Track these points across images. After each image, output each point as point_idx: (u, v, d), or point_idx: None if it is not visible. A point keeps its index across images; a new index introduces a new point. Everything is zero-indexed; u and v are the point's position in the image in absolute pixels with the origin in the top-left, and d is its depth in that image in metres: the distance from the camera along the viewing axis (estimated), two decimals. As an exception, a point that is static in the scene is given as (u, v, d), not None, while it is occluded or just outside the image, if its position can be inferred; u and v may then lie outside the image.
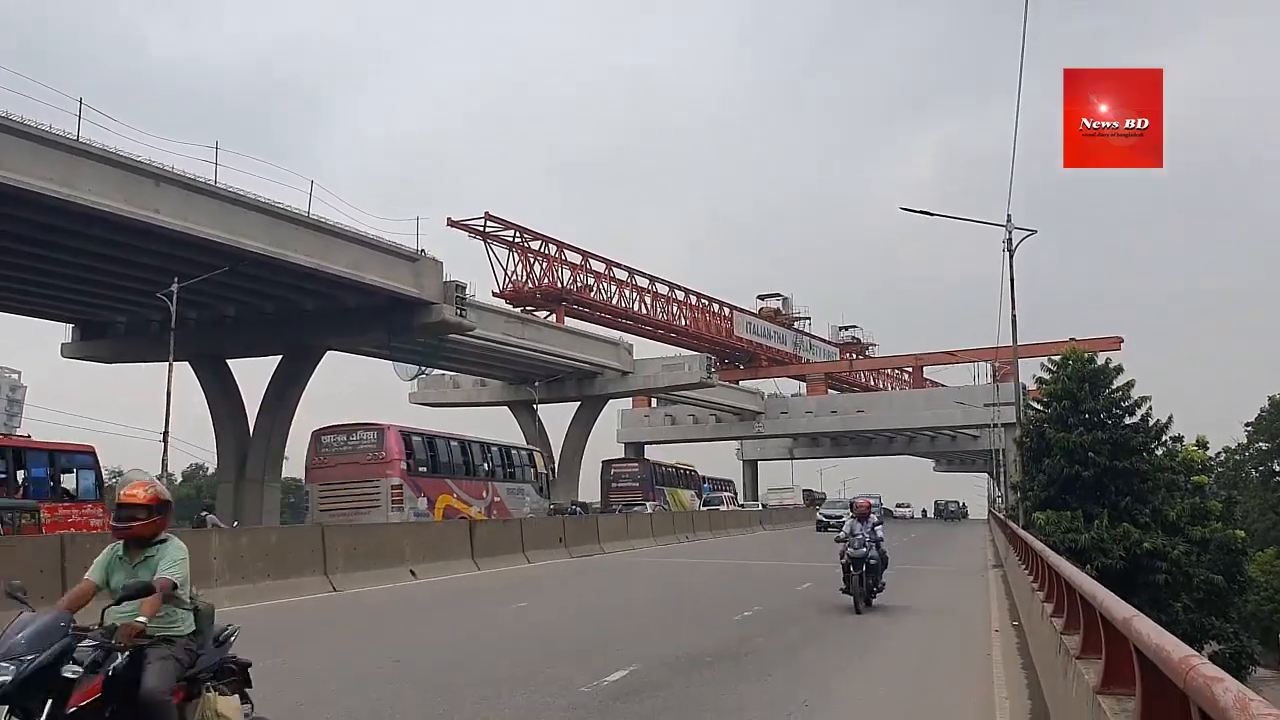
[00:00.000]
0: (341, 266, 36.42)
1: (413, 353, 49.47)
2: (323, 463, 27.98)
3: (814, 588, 18.20)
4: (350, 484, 27.11)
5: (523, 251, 63.35)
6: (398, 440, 27.99)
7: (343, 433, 28.35)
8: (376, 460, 27.53)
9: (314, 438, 28.41)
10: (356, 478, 27.29)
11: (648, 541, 31.82)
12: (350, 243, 37.09)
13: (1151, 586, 24.22)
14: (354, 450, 27.88)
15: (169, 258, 33.04)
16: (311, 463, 28.30)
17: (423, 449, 29.16)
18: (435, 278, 40.16)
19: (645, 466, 54.88)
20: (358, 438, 28.01)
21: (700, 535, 36.49)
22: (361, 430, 28.24)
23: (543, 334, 54.26)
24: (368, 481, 27.13)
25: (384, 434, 27.85)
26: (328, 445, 28.14)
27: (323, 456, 28.04)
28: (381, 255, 38.34)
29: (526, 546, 23.70)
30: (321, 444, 28.19)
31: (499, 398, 64.20)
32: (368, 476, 27.23)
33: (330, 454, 28.02)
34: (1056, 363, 28.36)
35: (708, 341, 78.96)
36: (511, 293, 62.70)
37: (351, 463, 27.64)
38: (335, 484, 27.41)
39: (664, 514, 38.32)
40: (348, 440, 28.05)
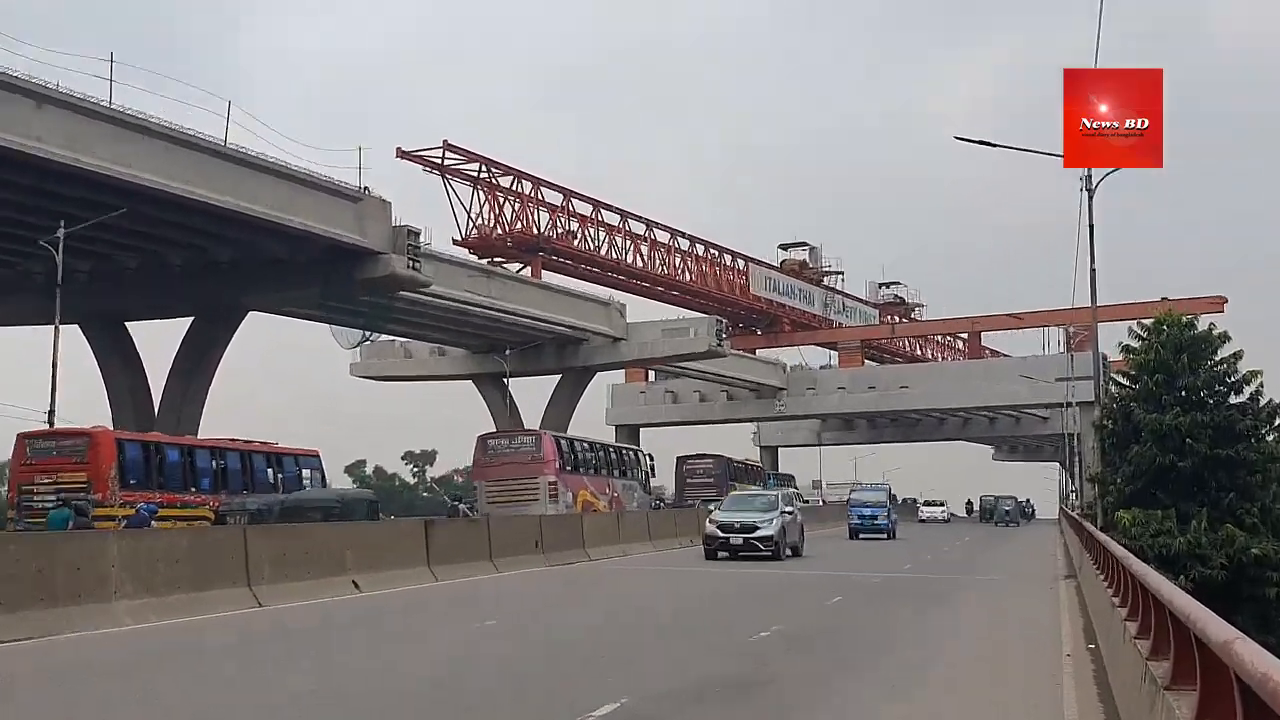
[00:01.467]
0: (266, 208, 36.27)
1: (355, 314, 49.43)
2: (489, 462, 40.52)
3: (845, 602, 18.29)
4: (513, 481, 39.14)
5: (490, 190, 63.19)
6: (552, 444, 41.16)
7: (505, 437, 42.91)
8: (535, 460, 39.86)
9: (480, 441, 41.49)
10: (518, 475, 39.37)
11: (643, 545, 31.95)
12: (278, 179, 36.93)
13: (1259, 602, 24.41)
14: (516, 452, 40.49)
15: (54, 197, 32.84)
16: (479, 462, 41.27)
17: (568, 450, 42.33)
18: (382, 222, 40.05)
19: (720, 462, 65.86)
20: (519, 442, 41.38)
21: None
22: (522, 435, 42.93)
23: (514, 291, 54.26)
24: (528, 479, 39.16)
25: (541, 439, 41.41)
26: (493, 448, 41.06)
27: (489, 457, 40.71)
28: (316, 194, 38.20)
29: (496, 553, 23.86)
30: (488, 446, 41.17)
31: (461, 369, 64.31)
32: (528, 475, 39.37)
33: (495, 455, 40.59)
34: (1147, 328, 28.28)
35: (718, 301, 78.98)
36: (477, 241, 62.65)
37: (513, 462, 39.96)
38: (500, 480, 39.43)
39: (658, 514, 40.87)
40: (510, 444, 41.30)
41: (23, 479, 29.98)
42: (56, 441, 30.58)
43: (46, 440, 30.70)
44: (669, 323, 63.18)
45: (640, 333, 61.47)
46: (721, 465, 64.74)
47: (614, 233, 69.94)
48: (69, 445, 30.22)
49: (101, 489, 28.78)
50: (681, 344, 61.45)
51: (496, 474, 39.94)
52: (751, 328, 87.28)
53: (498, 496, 38.83)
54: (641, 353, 62.24)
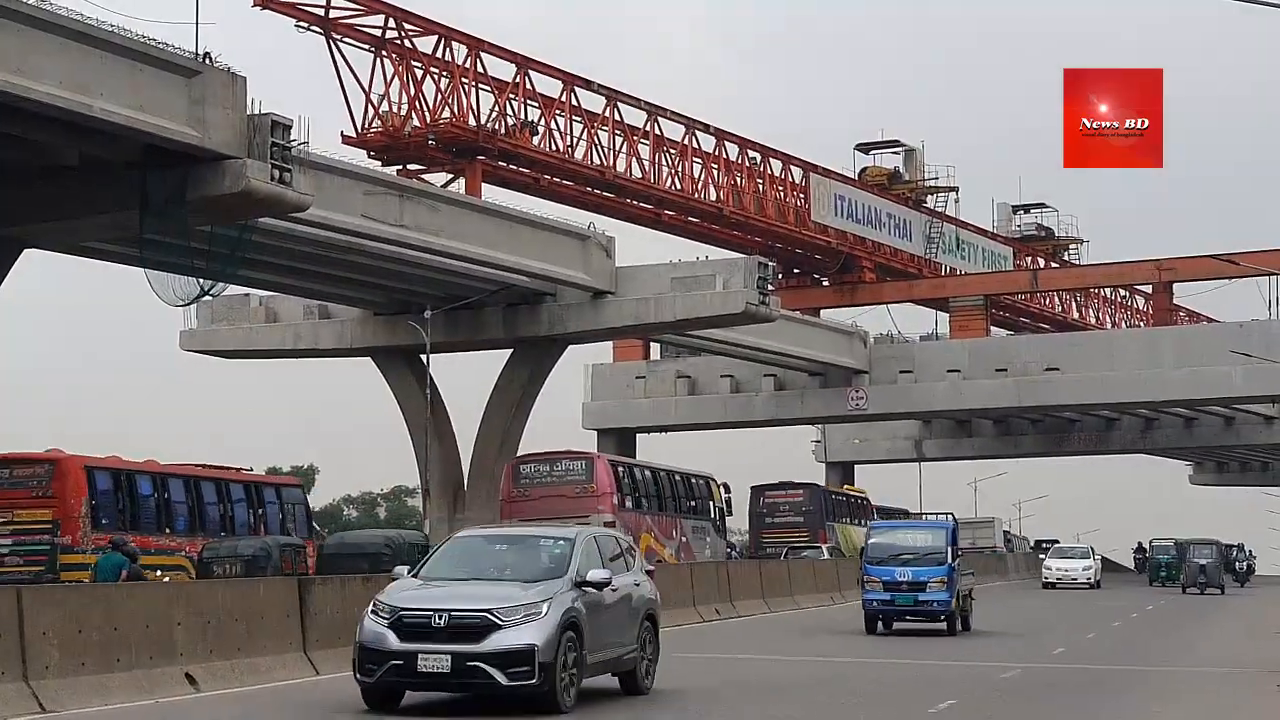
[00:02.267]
0: (51, 86, 36.28)
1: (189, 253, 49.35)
2: (522, 495, 44.74)
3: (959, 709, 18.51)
4: (558, 519, 39.06)
5: (403, 57, 63.14)
6: (608, 471, 45.65)
7: (545, 462, 46.78)
8: (586, 494, 44.49)
9: (511, 467, 46.41)
10: (563, 512, 41.71)
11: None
12: (67, 40, 36.91)
13: None
14: (559, 482, 45.24)
15: None
16: (508, 495, 45.64)
17: (627, 479, 47.49)
18: (231, 109, 40.00)
19: (816, 494, 71.14)
20: (563, 468, 45.66)
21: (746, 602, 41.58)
22: (567, 459, 46.82)
23: (440, 217, 54.22)
24: (578, 517, 40.40)
25: (593, 464, 45.60)
26: (527, 476, 45.61)
27: (521, 488, 45.13)
28: (128, 65, 38.14)
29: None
30: (520, 474, 45.67)
31: (355, 339, 64.39)
32: (577, 512, 42.25)
33: (531, 485, 45.17)
34: None
35: (761, 234, 78.97)
36: (380, 137, 62.58)
37: (557, 495, 44.25)
38: (538, 520, 38.60)
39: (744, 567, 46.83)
40: (551, 470, 45.62)
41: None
42: (11, 470, 35.12)
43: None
44: (683, 266, 63.00)
45: (637, 283, 61.37)
46: (816, 498, 71.03)
47: (596, 124, 69.90)
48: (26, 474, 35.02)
49: (71, 528, 33.34)
50: (702, 301, 61.31)
51: (533, 511, 43.49)
52: (814, 275, 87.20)
53: None
54: (639, 315, 62.11)
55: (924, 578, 33.31)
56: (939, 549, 34.15)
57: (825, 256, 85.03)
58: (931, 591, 33.23)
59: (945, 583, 33.24)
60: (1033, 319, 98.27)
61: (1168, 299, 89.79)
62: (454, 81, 63.71)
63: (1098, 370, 76.91)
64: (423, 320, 58.65)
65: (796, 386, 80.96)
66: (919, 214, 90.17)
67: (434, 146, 63.27)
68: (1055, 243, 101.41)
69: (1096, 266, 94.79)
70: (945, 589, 33.18)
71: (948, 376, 79.21)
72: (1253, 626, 39.44)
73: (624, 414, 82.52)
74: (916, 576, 33.35)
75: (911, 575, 33.37)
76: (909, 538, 36.00)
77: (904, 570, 33.52)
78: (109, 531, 32.94)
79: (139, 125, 38.22)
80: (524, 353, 62.70)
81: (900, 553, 34.30)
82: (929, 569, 33.48)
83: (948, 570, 33.42)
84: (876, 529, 38.54)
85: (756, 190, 78.88)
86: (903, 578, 33.41)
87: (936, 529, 36.69)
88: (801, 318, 77.00)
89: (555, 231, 59.33)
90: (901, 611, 33.85)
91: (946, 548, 34.13)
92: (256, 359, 70.15)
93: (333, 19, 61.05)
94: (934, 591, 33.24)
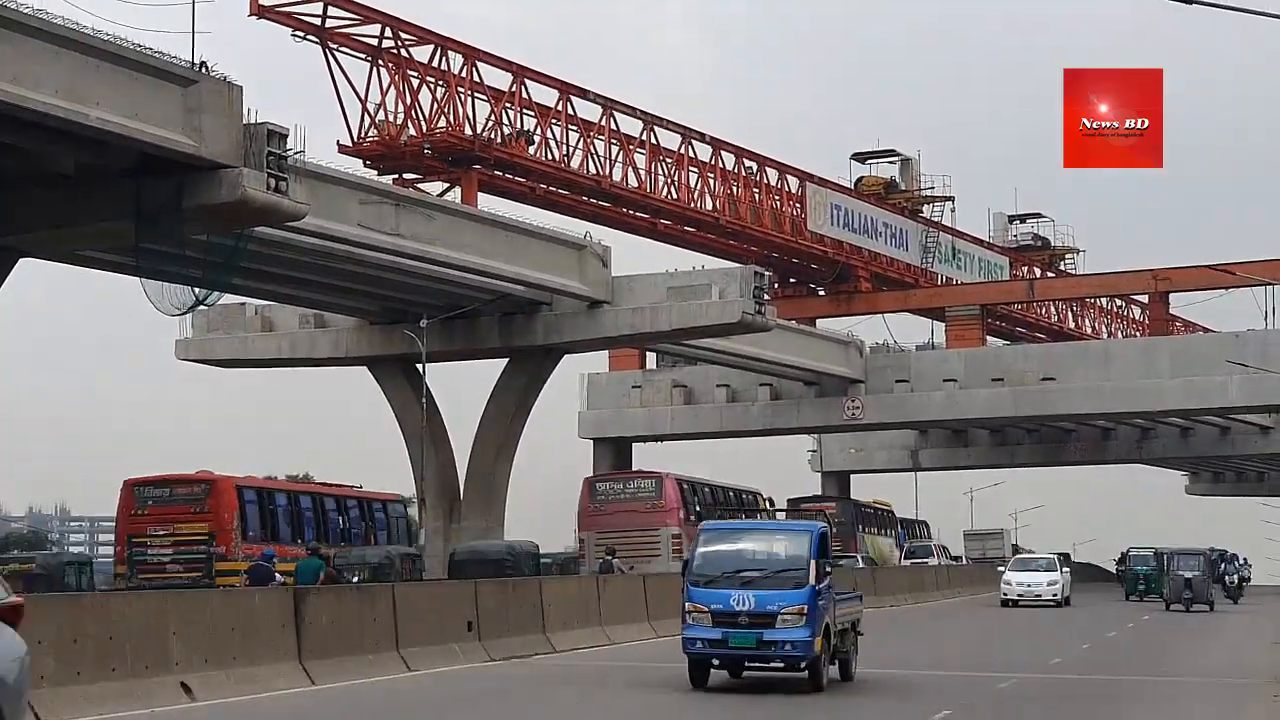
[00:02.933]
0: (47, 94, 36.33)
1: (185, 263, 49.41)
2: (598, 510, 53.02)
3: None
4: (628, 532, 50.29)
5: (399, 67, 63.24)
6: (675, 489, 53.08)
7: (618, 480, 56.02)
8: (655, 509, 52.02)
9: (587, 484, 54.76)
10: (635, 526, 51.23)
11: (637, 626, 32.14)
12: (63, 49, 36.97)
13: None
14: (631, 498, 53.21)
15: None
16: (585, 510, 53.72)
17: (691, 496, 54.13)
18: (228, 117, 40.04)
19: (848, 507, 74.88)
20: (635, 485, 54.03)
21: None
22: (638, 478, 55.31)
23: (435, 226, 54.25)
24: (648, 530, 51.08)
25: (662, 482, 53.32)
26: (602, 493, 54.05)
27: (597, 504, 53.30)
28: (124, 74, 38.18)
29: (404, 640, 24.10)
30: (596, 491, 54.03)
31: (350, 349, 64.42)
32: (647, 525, 51.39)
33: (605, 501, 53.39)
34: None
35: (757, 243, 79.04)
36: (377, 147, 62.68)
37: (629, 510, 52.32)
38: (612, 533, 50.46)
39: None
40: (624, 488, 54.25)
41: (135, 530, 40.31)
42: (171, 488, 41.34)
43: (159, 487, 41.51)
44: (679, 276, 63.08)
45: (634, 292, 61.45)
46: (849, 512, 74.81)
47: (593, 133, 69.98)
48: (187, 492, 41.10)
49: (225, 540, 39.09)
50: (698, 310, 61.38)
51: (608, 524, 52.03)
52: (810, 284, 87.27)
53: None
54: (635, 324, 62.19)
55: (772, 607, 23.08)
56: (797, 564, 23.64)
57: (821, 266, 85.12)
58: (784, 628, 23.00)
59: (803, 614, 22.98)
60: (1029, 329, 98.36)
61: (1164, 309, 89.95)
62: (450, 90, 63.80)
63: (1094, 380, 76.92)
64: (419, 329, 58.64)
65: (792, 396, 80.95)
66: (915, 223, 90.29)
67: (430, 156, 63.35)
68: (1051, 252, 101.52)
69: (1093, 276, 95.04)
70: (804, 624, 22.99)
71: (944, 386, 79.22)
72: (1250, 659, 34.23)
73: (620, 423, 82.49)
74: (761, 605, 23.13)
75: (754, 603, 23.17)
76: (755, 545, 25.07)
77: (742, 596, 23.28)
78: (255, 543, 39.25)
79: (135, 134, 38.25)
80: (520, 362, 62.73)
81: (742, 568, 24.01)
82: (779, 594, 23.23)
83: (808, 596, 23.16)
84: (708, 530, 26.09)
85: (753, 199, 78.98)
86: (741, 606, 23.15)
87: (796, 533, 25.16)
88: (797, 327, 76.97)
89: (551, 241, 59.37)
90: (739, 656, 23.76)
91: (809, 562, 23.55)
92: (252, 368, 70.15)
93: (329, 28, 61.15)
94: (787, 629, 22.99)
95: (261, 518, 42.09)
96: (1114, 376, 76.65)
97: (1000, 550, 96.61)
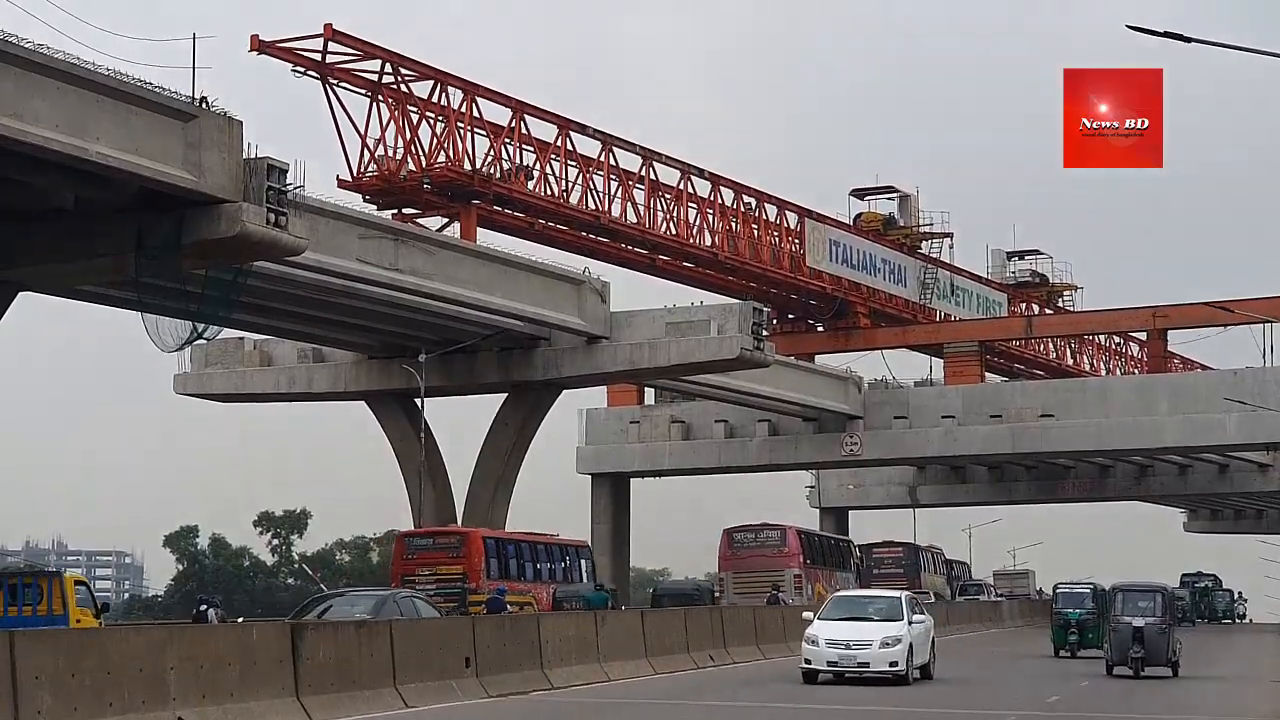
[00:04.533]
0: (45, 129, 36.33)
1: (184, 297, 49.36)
2: (735, 555, 65.55)
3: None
4: (759, 573, 63.14)
5: (398, 102, 63.31)
6: (796, 538, 66.04)
7: (751, 531, 66.56)
8: (780, 554, 64.55)
9: (727, 534, 66.72)
10: (765, 568, 63.82)
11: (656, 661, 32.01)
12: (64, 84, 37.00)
13: None
14: (762, 545, 65.36)
15: None
16: (725, 555, 66.21)
17: (809, 544, 67.35)
18: (228, 152, 40.03)
19: (910, 550, 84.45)
20: (765, 535, 65.83)
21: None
22: (767, 529, 66.44)
23: (435, 261, 54.31)
24: (774, 571, 63.44)
25: (786, 533, 66.00)
26: (739, 541, 66.02)
27: (735, 550, 65.83)
28: (124, 109, 38.20)
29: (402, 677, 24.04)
30: (734, 539, 66.25)
31: (349, 383, 64.44)
32: (774, 567, 63.95)
33: (741, 548, 65.64)
34: None
35: (756, 279, 79.00)
36: (376, 182, 62.70)
37: (760, 555, 64.78)
38: (747, 573, 63.80)
39: None
40: (756, 537, 65.87)
41: (405, 571, 51.70)
42: (433, 539, 54.02)
43: (424, 538, 54.40)
44: (678, 311, 63.18)
45: (632, 327, 61.55)
46: (912, 554, 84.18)
47: (592, 169, 70.04)
48: (445, 541, 53.47)
49: (475, 579, 50.34)
50: (697, 346, 61.49)
51: (743, 566, 64.50)
52: (808, 320, 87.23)
53: (745, 588, 62.42)
54: (634, 359, 62.29)
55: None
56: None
57: (820, 302, 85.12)
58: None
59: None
60: (1027, 365, 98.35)
61: (1162, 346, 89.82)
62: (449, 126, 63.84)
63: (1092, 417, 76.98)
64: (417, 364, 58.67)
65: (791, 432, 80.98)
66: (914, 259, 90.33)
67: (429, 191, 63.38)
68: (1050, 289, 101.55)
69: (1091, 313, 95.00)
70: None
71: (942, 422, 79.29)
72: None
73: (618, 458, 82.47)
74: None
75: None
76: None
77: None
78: (494, 580, 50.50)
79: (135, 169, 38.26)
80: (518, 397, 62.73)
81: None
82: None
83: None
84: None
85: (751, 235, 78.98)
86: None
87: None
88: (796, 363, 77.05)
89: (550, 276, 59.43)
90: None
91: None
92: (250, 402, 70.11)
93: (329, 64, 61.20)
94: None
95: (499, 561, 52.85)
96: (1112, 413, 76.72)
97: (1026, 589, 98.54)
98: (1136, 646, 37.70)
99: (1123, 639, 38.14)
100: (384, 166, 62.49)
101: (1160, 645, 38.21)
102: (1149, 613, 38.76)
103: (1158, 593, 40.45)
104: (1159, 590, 41.08)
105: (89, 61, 37.89)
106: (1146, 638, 37.78)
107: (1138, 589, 41.02)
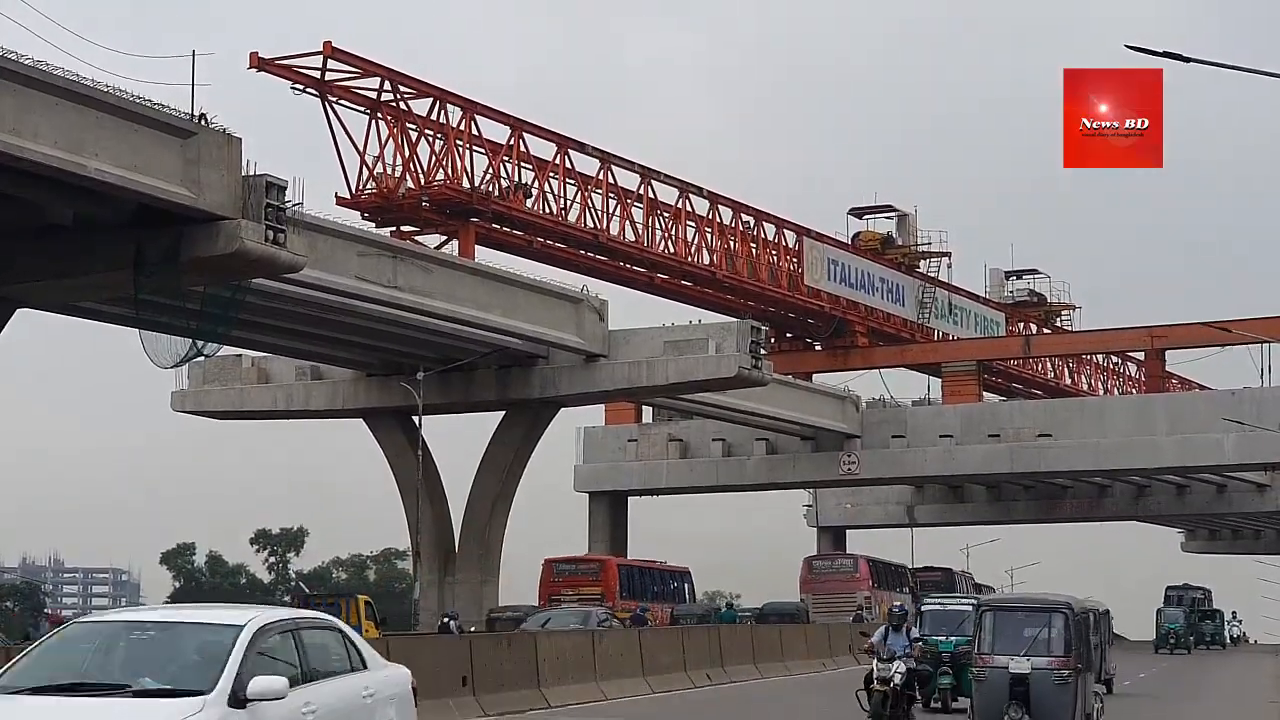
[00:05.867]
0: (44, 145, 36.31)
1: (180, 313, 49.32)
2: (814, 579, 76.04)
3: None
4: (835, 595, 73.34)
5: (397, 119, 63.32)
6: (867, 566, 76.99)
7: (827, 559, 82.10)
8: (853, 579, 75.25)
9: (806, 562, 79.29)
10: (840, 591, 73.91)
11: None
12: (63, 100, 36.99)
13: None
14: (836, 572, 76.70)
15: None
16: (805, 580, 76.59)
17: (878, 571, 78.00)
18: (226, 169, 40.03)
19: (951, 574, 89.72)
20: (839, 563, 79.00)
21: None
22: (841, 558, 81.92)
23: (433, 279, 54.29)
24: (848, 594, 73.49)
25: (858, 560, 78.12)
26: (818, 569, 77.67)
27: (814, 576, 76.60)
28: (123, 126, 38.19)
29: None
30: (813, 567, 78.10)
31: (347, 401, 64.39)
32: (847, 590, 74.06)
33: (820, 574, 76.65)
34: None
35: (754, 298, 79.01)
36: (374, 199, 62.69)
37: (836, 579, 75.47)
38: (825, 595, 73.37)
39: None
40: (832, 565, 78.68)
41: (552, 591, 62.45)
42: (576, 565, 65.39)
43: (567, 564, 65.19)
44: (676, 330, 63.23)
45: (631, 346, 61.52)
46: (951, 576, 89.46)
47: (590, 187, 70.06)
48: (586, 567, 65.30)
49: (611, 599, 59.90)
50: (695, 365, 61.44)
51: (821, 589, 73.88)
52: (806, 339, 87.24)
53: (823, 608, 70.55)
54: (632, 378, 62.24)
55: None
56: None
57: (818, 320, 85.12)
58: None
59: None
60: (1025, 385, 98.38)
61: (1160, 366, 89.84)
62: (448, 143, 63.85)
63: (1090, 437, 76.97)
64: (415, 382, 58.63)
65: (788, 450, 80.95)
66: (912, 279, 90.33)
67: (428, 208, 63.37)
68: (1047, 308, 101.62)
69: (1089, 333, 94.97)
70: None
71: (940, 442, 79.30)
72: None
73: (615, 477, 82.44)
74: None
75: None
76: None
77: None
78: (625, 601, 60.37)
79: (133, 185, 38.24)
80: (516, 415, 62.71)
81: None
82: None
83: None
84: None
85: (750, 254, 78.99)
86: None
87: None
88: (794, 382, 77.07)
89: (548, 294, 59.41)
90: None
91: None
92: (248, 419, 70.04)
93: (328, 81, 61.22)
94: None
95: (630, 584, 64.41)
96: (1110, 433, 76.74)
97: None
98: (1015, 708, 22.70)
99: (992, 695, 23.14)
100: (383, 184, 62.48)
101: (1058, 707, 22.86)
102: (1039, 648, 23.14)
103: (1056, 612, 23.61)
104: (1058, 608, 23.73)
105: (88, 78, 37.93)
106: (1034, 695, 22.70)
107: (1023, 606, 25.48)
